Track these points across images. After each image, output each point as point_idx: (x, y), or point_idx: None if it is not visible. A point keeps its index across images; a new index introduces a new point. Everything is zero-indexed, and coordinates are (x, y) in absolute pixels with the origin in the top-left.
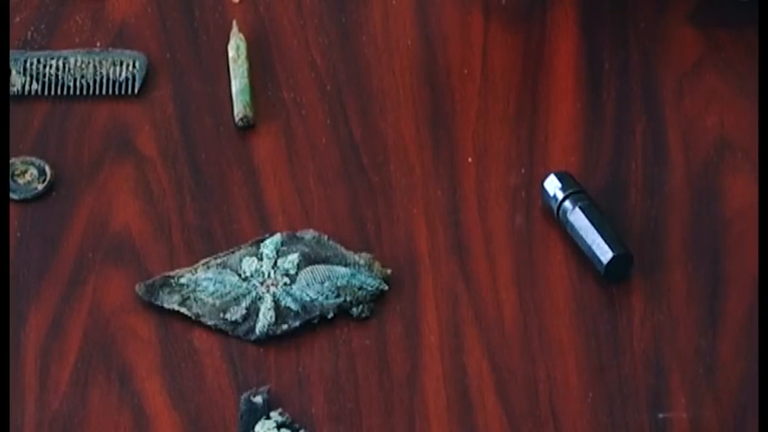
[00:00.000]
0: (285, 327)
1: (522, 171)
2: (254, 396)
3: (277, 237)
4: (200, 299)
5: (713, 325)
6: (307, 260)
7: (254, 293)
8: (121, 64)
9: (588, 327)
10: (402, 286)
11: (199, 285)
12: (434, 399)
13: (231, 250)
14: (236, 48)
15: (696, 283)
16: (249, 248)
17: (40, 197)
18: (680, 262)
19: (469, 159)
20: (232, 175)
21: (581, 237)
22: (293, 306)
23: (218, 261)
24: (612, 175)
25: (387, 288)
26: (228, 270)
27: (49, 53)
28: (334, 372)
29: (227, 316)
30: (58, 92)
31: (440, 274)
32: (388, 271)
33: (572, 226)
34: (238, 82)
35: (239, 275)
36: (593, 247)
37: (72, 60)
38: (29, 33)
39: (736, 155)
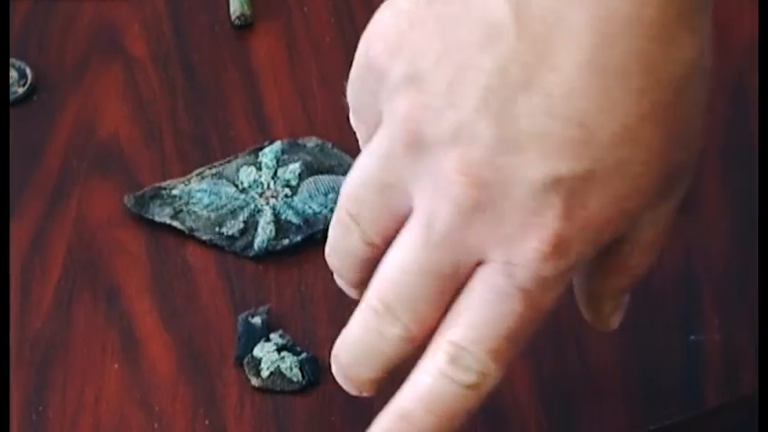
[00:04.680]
0: (286, 242)
1: None
2: (253, 317)
3: (277, 145)
4: (194, 211)
5: (746, 240)
6: (309, 170)
7: (252, 206)
8: None
9: None
10: None
11: (192, 197)
12: None
13: (227, 159)
14: None
15: (730, 194)
16: (247, 157)
17: (20, 102)
18: (714, 172)
19: None
20: (228, 77)
21: None
22: (294, 219)
23: (214, 171)
24: None
25: None
26: (224, 181)
27: None
28: (338, 290)
29: (224, 230)
30: None
31: None
32: None
33: None
34: None
35: (236, 186)
36: None
37: None
38: None
39: None
